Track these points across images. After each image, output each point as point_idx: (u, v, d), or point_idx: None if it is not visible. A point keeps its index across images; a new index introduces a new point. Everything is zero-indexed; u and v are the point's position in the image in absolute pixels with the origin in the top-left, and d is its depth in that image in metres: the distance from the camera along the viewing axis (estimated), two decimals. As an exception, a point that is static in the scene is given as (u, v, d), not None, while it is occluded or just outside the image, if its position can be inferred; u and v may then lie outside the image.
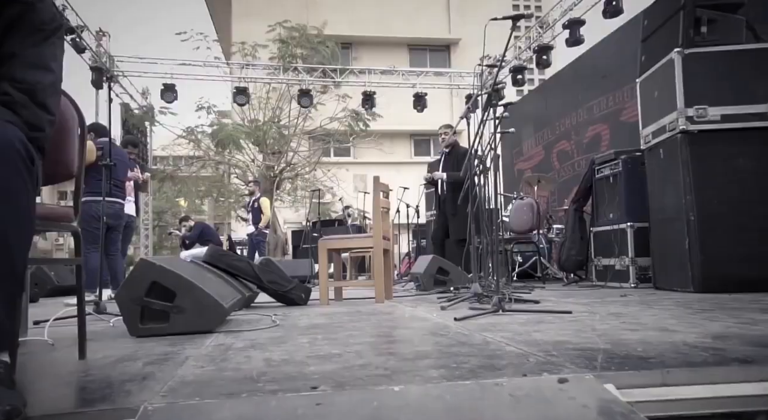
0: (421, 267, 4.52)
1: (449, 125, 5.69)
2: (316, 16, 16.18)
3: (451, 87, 14.09)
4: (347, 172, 18.36)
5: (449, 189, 5.31)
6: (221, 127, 11.77)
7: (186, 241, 7.98)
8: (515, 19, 2.74)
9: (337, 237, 3.57)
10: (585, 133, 7.05)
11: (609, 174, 4.46)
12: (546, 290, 4.31)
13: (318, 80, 12.66)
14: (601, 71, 6.71)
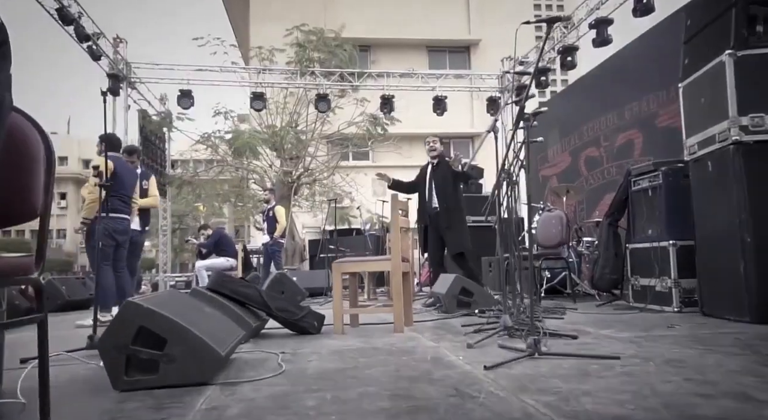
0: (443, 287, 4.22)
1: (436, 135, 5.37)
2: (334, 19, 16.00)
3: (471, 90, 13.73)
4: (365, 176, 18.16)
5: (441, 200, 4.96)
6: (237, 135, 11.62)
7: (202, 249, 7.82)
8: (550, 23, 2.44)
9: (353, 260, 3.30)
10: (616, 139, 6.66)
11: (647, 186, 4.10)
12: (579, 313, 3.98)
13: (336, 84, 12.44)
14: (632, 73, 6.33)
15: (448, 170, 4.98)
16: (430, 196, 5.01)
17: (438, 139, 5.24)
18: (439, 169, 5.03)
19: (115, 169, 4.14)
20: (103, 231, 4.07)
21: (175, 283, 9.68)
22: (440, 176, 4.99)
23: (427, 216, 5.06)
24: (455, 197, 5.02)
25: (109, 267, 4.17)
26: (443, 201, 4.91)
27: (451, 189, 4.99)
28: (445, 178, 4.98)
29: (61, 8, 8.19)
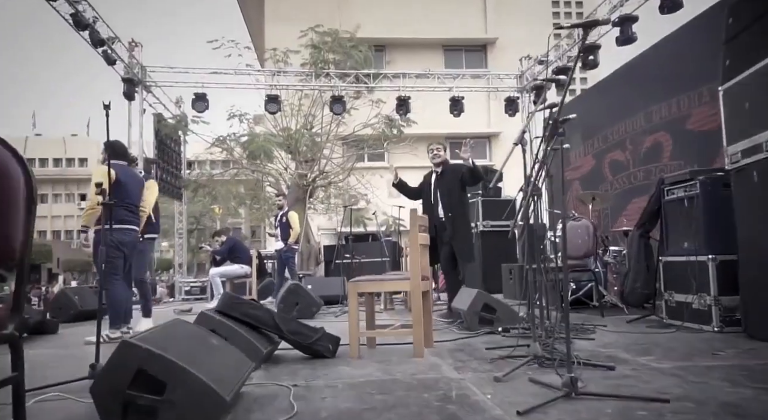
0: (464, 302, 4.02)
1: (441, 142, 5.11)
2: (349, 19, 15.85)
3: (489, 90, 13.45)
4: (381, 178, 17.98)
5: (446, 209, 4.70)
6: (252, 139, 11.52)
7: (216, 256, 7.71)
8: (587, 27, 2.22)
9: (369, 279, 3.11)
10: (642, 141, 6.38)
11: (683, 196, 3.84)
12: (610, 331, 3.74)
13: (351, 86, 12.28)
14: (661, 73, 6.04)
15: (453, 178, 4.74)
16: (435, 205, 4.77)
17: (442, 145, 5.01)
18: (444, 177, 4.79)
19: (119, 178, 4.00)
20: (110, 243, 3.94)
21: (190, 288, 9.61)
22: (446, 185, 4.76)
23: (433, 226, 4.82)
24: (461, 206, 4.81)
25: (120, 280, 4.05)
26: (449, 210, 4.68)
27: (456, 198, 4.76)
28: (451, 187, 4.74)
29: (75, 13, 8.15)
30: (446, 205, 4.71)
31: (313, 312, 5.48)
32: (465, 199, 4.92)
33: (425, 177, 5.06)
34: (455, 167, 4.80)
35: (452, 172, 4.78)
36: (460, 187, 4.77)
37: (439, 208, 4.75)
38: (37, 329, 4.57)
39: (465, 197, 4.92)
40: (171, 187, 13.05)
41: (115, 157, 4.22)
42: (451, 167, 4.86)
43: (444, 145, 5.03)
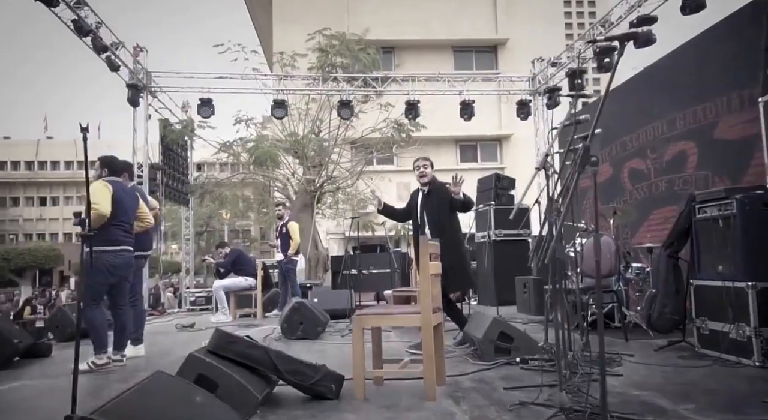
0: (478, 329, 3.74)
1: (427, 157, 4.53)
2: (357, 21, 15.62)
3: (500, 92, 13.14)
4: (390, 182, 17.70)
5: (435, 232, 4.23)
6: (257, 144, 11.30)
7: (220, 268, 7.49)
8: (624, 41, 1.94)
9: (376, 312, 2.84)
10: (665, 150, 6.05)
11: (717, 215, 3.54)
12: (639, 363, 3.44)
13: (359, 90, 12.03)
14: (686, 78, 5.72)
15: (442, 197, 4.30)
16: (422, 227, 4.33)
17: (429, 162, 4.46)
18: (432, 197, 4.34)
19: (115, 195, 3.78)
20: (100, 268, 3.71)
21: (195, 298, 9.41)
22: (433, 204, 4.31)
23: None
24: (452, 229, 4.35)
25: (97, 306, 3.80)
26: (438, 233, 4.16)
27: (446, 219, 4.32)
28: (440, 207, 4.29)
29: (77, 20, 7.97)
30: (435, 227, 4.25)
31: (318, 332, 5.23)
32: (455, 221, 4.46)
33: (412, 195, 4.63)
34: (443, 186, 4.36)
35: (440, 191, 4.34)
36: (449, 208, 4.33)
37: (426, 230, 4.32)
38: (29, 353, 4.36)
39: (455, 218, 4.45)
40: (177, 193, 12.89)
41: (112, 174, 4.01)
42: (440, 186, 4.40)
43: (431, 162, 4.49)
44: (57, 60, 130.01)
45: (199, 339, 5.46)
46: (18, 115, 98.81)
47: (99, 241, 3.75)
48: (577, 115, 2.95)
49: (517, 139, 21.50)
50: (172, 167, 12.52)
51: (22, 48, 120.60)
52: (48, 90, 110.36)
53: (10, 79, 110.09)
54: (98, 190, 3.72)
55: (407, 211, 4.60)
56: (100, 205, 3.64)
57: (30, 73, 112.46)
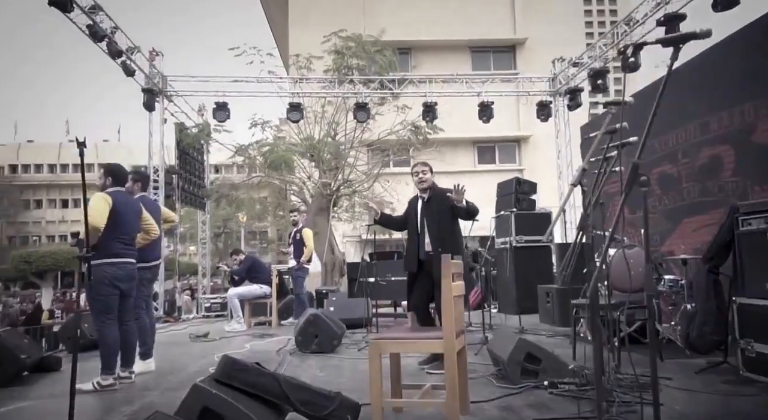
0: (503, 350, 3.51)
1: (425, 163, 4.28)
2: (374, 22, 15.44)
3: (519, 94, 12.84)
4: (407, 186, 17.48)
5: (435, 242, 3.98)
6: (272, 149, 11.19)
7: (234, 276, 7.36)
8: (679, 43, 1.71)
9: (395, 337, 2.64)
10: (697, 154, 5.73)
11: (764, 228, 3.26)
12: (678, 387, 3.19)
13: (375, 93, 11.86)
14: (721, 78, 5.41)
15: (443, 205, 4.00)
16: (422, 237, 4.04)
17: (428, 167, 4.19)
18: (432, 204, 4.06)
19: (115, 208, 3.64)
20: (102, 280, 3.58)
21: (211, 304, 9.31)
22: (433, 212, 4.02)
23: (416, 262, 4.04)
24: (453, 238, 4.06)
25: (113, 321, 3.67)
26: (438, 243, 3.92)
27: (448, 228, 4.04)
28: (441, 215, 4.01)
29: (92, 25, 7.93)
30: (435, 236, 3.98)
31: (334, 345, 5.05)
32: (457, 229, 4.17)
33: (410, 202, 4.34)
34: (445, 192, 4.06)
35: (441, 198, 4.03)
36: (451, 216, 4.05)
37: (425, 239, 4.03)
38: (38, 367, 4.25)
39: (457, 226, 4.16)
40: (194, 196, 12.86)
41: (116, 184, 3.87)
42: (440, 192, 4.09)
43: (430, 167, 4.21)
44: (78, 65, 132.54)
45: (212, 351, 5.33)
46: (41, 119, 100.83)
47: (98, 255, 3.62)
48: (612, 123, 2.72)
49: (536, 140, 21.12)
50: (188, 171, 12.48)
51: (45, 55, 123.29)
52: (70, 94, 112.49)
53: (33, 85, 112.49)
54: (95, 203, 3.60)
55: (405, 219, 4.33)
56: (93, 217, 3.52)
57: (53, 79, 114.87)
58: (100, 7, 8.19)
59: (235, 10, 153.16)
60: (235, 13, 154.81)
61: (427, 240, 4.03)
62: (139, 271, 4.02)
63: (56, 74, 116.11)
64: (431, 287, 3.96)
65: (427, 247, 4.04)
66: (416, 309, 4.08)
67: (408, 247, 4.29)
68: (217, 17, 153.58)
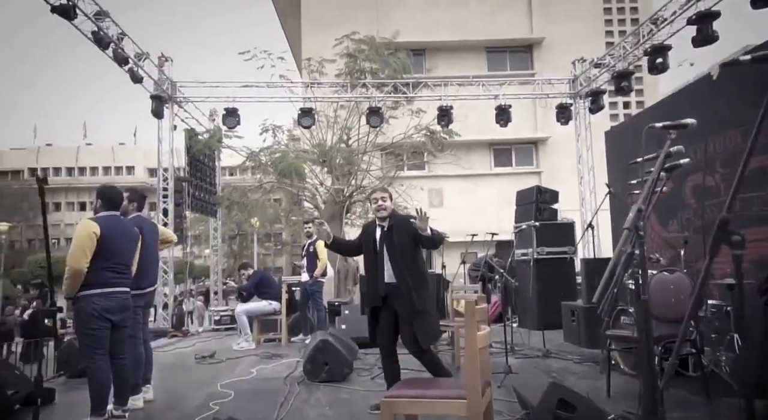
0: (532, 393, 3.14)
1: (385, 189, 3.95)
2: (387, 24, 15.10)
3: (538, 96, 12.38)
4: (422, 190, 17.10)
5: (399, 273, 3.56)
6: (282, 156, 10.90)
7: (242, 292, 7.07)
8: None
9: (411, 395, 2.28)
10: (740, 164, 5.28)
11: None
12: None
13: (389, 97, 11.51)
14: (764, 81, 4.95)
15: (404, 233, 3.61)
16: (381, 268, 3.65)
17: (388, 194, 3.82)
18: (392, 233, 3.65)
19: (104, 235, 3.34)
20: (91, 312, 3.29)
21: (220, 317, 9.05)
22: (395, 242, 3.62)
23: (378, 296, 3.64)
24: (416, 269, 3.66)
25: (103, 356, 3.37)
26: (402, 274, 3.54)
27: (410, 259, 3.63)
28: (402, 245, 3.60)
29: (97, 31, 7.70)
30: (397, 267, 3.58)
31: (345, 373, 4.71)
32: (420, 259, 3.76)
33: (365, 228, 3.94)
34: (406, 220, 3.69)
35: (403, 226, 3.64)
36: (413, 246, 3.65)
37: (385, 272, 3.63)
38: (30, 400, 3.97)
39: (420, 257, 3.75)
40: (205, 203, 12.65)
41: (110, 208, 3.57)
42: (402, 220, 3.72)
43: (389, 194, 3.86)
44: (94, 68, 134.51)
45: (216, 377, 5.03)
46: (59, 122, 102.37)
47: (85, 285, 3.33)
48: (670, 146, 2.35)
49: (554, 141, 20.59)
50: (198, 178, 12.27)
51: (60, 58, 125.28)
52: (87, 97, 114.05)
53: (55, 89, 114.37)
54: (77, 241, 3.31)
55: (358, 245, 3.90)
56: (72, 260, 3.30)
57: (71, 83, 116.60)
58: (106, 13, 7.96)
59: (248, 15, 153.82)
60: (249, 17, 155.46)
61: (388, 272, 3.61)
62: (133, 299, 3.72)
63: (74, 78, 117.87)
64: (396, 322, 3.57)
65: (387, 279, 3.61)
66: (381, 346, 3.66)
67: (368, 280, 3.83)
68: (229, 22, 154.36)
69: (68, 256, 3.30)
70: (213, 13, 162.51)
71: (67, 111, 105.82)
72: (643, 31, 9.23)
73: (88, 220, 3.37)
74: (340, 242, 4.00)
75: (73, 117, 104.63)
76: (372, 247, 3.73)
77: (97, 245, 3.30)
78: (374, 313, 3.71)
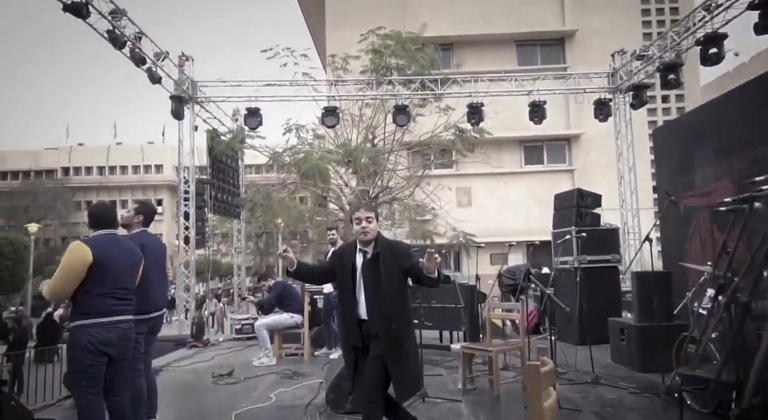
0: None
1: (371, 207, 3.37)
2: (414, 19, 14.53)
3: (575, 91, 11.66)
4: (450, 191, 16.53)
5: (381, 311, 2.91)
6: (306, 157, 10.49)
7: (263, 305, 6.68)
8: None
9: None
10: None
11: None
12: None
13: (416, 94, 11.00)
14: None
15: (393, 263, 2.96)
16: (356, 302, 3.01)
17: (374, 214, 3.10)
18: (377, 262, 2.98)
19: (97, 259, 2.95)
20: (85, 346, 2.90)
21: (242, 326, 8.71)
22: (380, 273, 2.95)
23: (358, 334, 3.00)
24: (404, 307, 3.04)
25: (97, 395, 2.98)
26: (382, 314, 2.91)
27: (398, 294, 2.97)
28: (390, 278, 2.94)
29: (112, 30, 7.40)
30: (380, 302, 2.93)
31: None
32: (407, 296, 3.12)
33: (339, 254, 3.25)
34: (396, 248, 3.08)
35: (392, 254, 3.00)
36: (403, 279, 3.01)
37: (361, 306, 2.99)
38: None
39: (407, 293, 3.11)
40: (227, 206, 12.37)
41: (103, 226, 3.18)
42: (389, 247, 3.06)
43: (376, 213, 3.13)
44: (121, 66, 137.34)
45: (233, 401, 4.64)
46: (90, 122, 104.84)
47: (80, 314, 2.96)
48: None
49: (588, 138, 19.75)
50: (221, 179, 11.99)
51: (91, 60, 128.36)
52: (117, 97, 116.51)
53: (84, 89, 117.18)
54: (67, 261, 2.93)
55: (329, 272, 3.26)
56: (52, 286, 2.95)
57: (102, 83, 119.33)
58: (123, 12, 7.67)
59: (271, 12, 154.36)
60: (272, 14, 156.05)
61: (362, 306, 2.98)
62: (137, 325, 3.34)
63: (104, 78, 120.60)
64: (385, 372, 2.88)
65: (361, 312, 2.98)
66: (369, 403, 2.92)
67: (342, 313, 3.20)
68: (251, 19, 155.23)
69: (52, 280, 2.93)
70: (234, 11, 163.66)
71: (96, 110, 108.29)
72: (694, 18, 8.48)
73: (79, 243, 2.97)
74: (304, 268, 3.22)
75: (103, 116, 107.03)
76: (349, 276, 3.03)
77: (90, 271, 2.91)
78: (352, 355, 3.05)
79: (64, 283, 2.91)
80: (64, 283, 2.91)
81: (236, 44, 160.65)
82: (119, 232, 3.33)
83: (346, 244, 3.50)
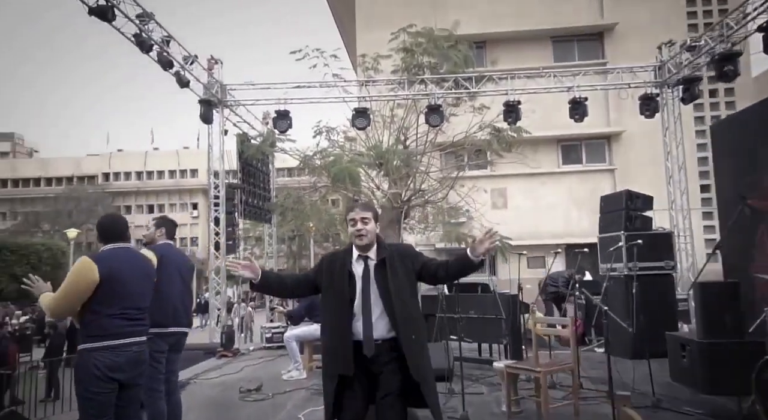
0: None
1: (368, 206, 2.82)
2: (445, 17, 14.10)
3: (618, 87, 11.03)
4: (485, 193, 15.99)
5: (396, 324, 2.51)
6: (336, 160, 10.21)
7: (292, 315, 6.41)
8: None
9: None
10: None
11: None
12: None
13: (450, 93, 10.58)
14: None
15: (402, 268, 2.60)
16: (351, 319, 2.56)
17: (371, 213, 2.67)
18: (386, 268, 2.57)
19: (105, 276, 2.68)
20: (92, 372, 2.64)
21: (272, 335, 8.48)
22: (387, 281, 2.55)
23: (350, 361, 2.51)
24: (418, 317, 2.69)
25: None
26: (395, 326, 2.52)
27: (411, 302, 2.62)
28: (400, 285, 2.57)
29: (138, 34, 7.28)
30: (392, 315, 2.52)
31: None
32: (417, 303, 2.78)
33: (330, 261, 2.73)
34: (401, 250, 2.72)
35: (399, 259, 2.63)
36: (413, 285, 2.69)
37: (360, 323, 2.54)
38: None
39: (417, 299, 2.78)
40: (258, 210, 12.24)
41: (110, 239, 2.91)
42: (396, 251, 2.67)
43: (373, 212, 2.70)
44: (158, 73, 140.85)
45: (260, 419, 4.37)
46: (129, 129, 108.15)
47: (87, 336, 2.69)
48: None
49: (629, 136, 18.86)
50: (251, 184, 11.86)
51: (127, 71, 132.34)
52: (154, 104, 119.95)
53: (121, 96, 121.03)
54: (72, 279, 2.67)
55: (306, 283, 2.77)
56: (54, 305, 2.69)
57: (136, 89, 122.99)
58: (151, 15, 7.54)
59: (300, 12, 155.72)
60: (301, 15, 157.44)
61: (374, 320, 2.54)
62: (151, 341, 3.07)
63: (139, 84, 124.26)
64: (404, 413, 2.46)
65: (378, 331, 2.54)
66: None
67: (330, 335, 2.64)
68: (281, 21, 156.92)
69: (53, 297, 2.68)
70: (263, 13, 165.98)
71: (134, 117, 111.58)
72: (754, 3, 7.80)
73: (87, 259, 2.71)
74: (270, 280, 2.74)
75: (140, 123, 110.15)
76: (345, 287, 2.58)
77: (98, 290, 2.65)
78: (338, 386, 2.53)
79: (65, 302, 2.66)
80: (65, 303, 2.66)
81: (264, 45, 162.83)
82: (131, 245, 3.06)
83: (335, 249, 3.09)
